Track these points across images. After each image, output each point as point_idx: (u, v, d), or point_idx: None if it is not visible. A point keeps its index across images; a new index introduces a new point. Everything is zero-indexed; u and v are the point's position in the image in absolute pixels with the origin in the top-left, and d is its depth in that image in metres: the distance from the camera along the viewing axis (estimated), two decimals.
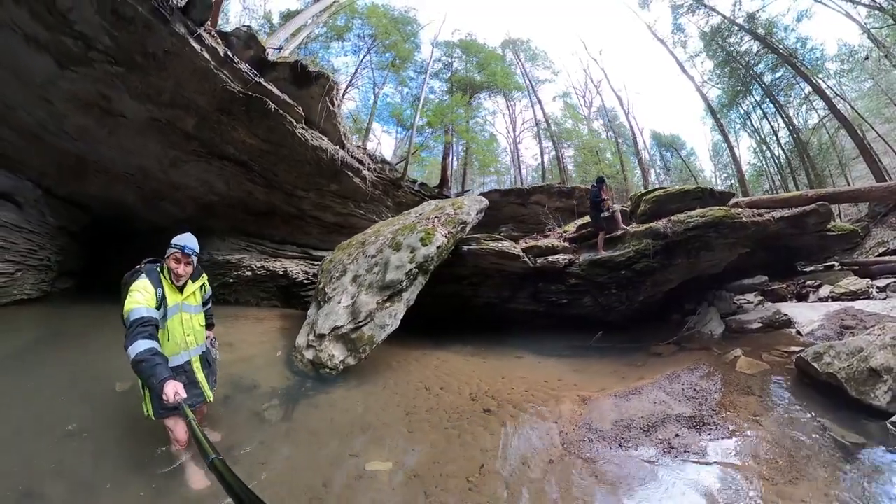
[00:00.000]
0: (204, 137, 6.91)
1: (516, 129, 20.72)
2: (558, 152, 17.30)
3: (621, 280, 6.88)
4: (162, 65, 5.59)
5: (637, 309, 7.38)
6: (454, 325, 7.67)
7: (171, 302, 2.53)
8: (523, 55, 18.82)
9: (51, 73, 5.27)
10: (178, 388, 2.07)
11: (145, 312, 2.26)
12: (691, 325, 6.61)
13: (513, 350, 6.43)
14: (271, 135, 7.19)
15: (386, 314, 5.05)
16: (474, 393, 4.30)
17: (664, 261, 6.47)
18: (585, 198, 15.70)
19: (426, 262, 5.60)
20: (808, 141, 16.58)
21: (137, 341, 2.13)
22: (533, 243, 7.72)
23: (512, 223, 15.22)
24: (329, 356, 4.53)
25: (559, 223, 10.24)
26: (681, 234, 6.17)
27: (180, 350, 2.60)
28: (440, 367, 5.22)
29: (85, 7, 4.66)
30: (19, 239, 5.70)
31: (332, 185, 9.62)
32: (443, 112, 12.89)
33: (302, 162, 8.19)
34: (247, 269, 8.53)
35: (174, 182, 7.82)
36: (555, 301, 7.46)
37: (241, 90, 6.38)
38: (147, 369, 2.08)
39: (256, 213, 9.23)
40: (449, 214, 6.83)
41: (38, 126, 5.86)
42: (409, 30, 15.37)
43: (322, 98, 7.89)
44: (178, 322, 2.58)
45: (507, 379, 4.81)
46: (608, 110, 21.60)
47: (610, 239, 7.33)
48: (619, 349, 6.28)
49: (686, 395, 3.91)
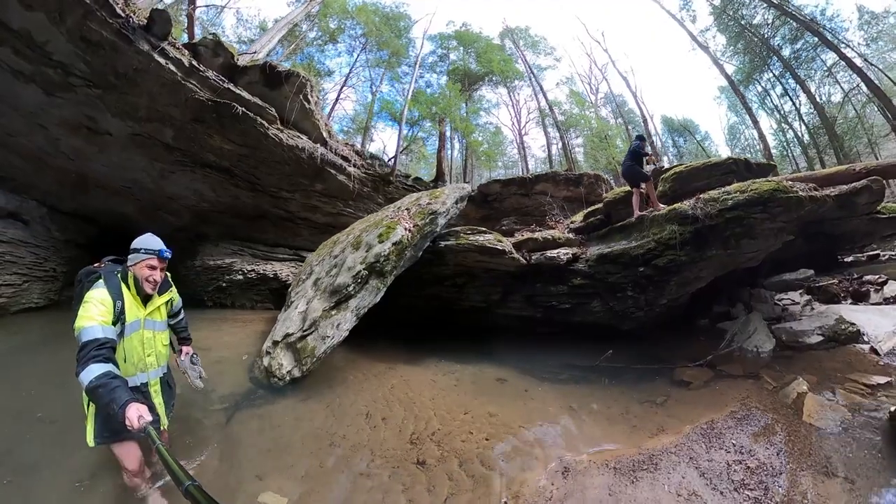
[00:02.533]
0: (183, 147, 7.71)
1: (521, 120, 20.67)
2: (564, 141, 17.07)
3: (639, 279, 5.84)
4: (133, 82, 6.37)
5: (658, 314, 6.28)
6: (441, 331, 7.10)
7: (131, 317, 2.31)
8: (522, 42, 18.80)
9: (40, 101, 6.19)
10: (141, 411, 1.89)
11: (101, 333, 2.05)
12: (730, 339, 5.49)
13: (497, 368, 5.50)
14: (245, 139, 7.87)
15: (329, 324, 4.65)
16: (419, 433, 3.62)
17: (694, 253, 5.36)
18: (595, 185, 15.43)
19: (377, 262, 5.11)
20: (834, 116, 15.37)
21: (91, 365, 1.94)
22: (528, 236, 6.93)
23: (515, 216, 15.06)
24: (279, 365, 4.38)
25: (567, 214, 9.88)
26: (715, 217, 5.07)
27: (137, 371, 2.40)
28: (397, 389, 4.64)
29: (58, 38, 5.48)
30: (25, 253, 6.72)
31: (317, 185, 10.24)
32: (433, 101, 13.20)
33: (280, 163, 8.84)
34: (238, 273, 9.31)
35: (167, 193, 8.74)
36: (555, 306, 6.50)
37: (211, 98, 7.08)
38: (105, 395, 1.89)
39: (246, 217, 10.03)
40: (421, 205, 6.42)
41: (38, 149, 6.87)
42: (401, 25, 15.95)
43: (296, 96, 8.47)
44: (137, 341, 2.37)
45: (471, 415, 3.98)
46: (616, 96, 21.08)
47: (622, 227, 6.37)
48: (633, 372, 5.13)
49: (734, 479, 2.61)
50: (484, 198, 15.50)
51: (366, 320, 5.23)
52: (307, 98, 8.85)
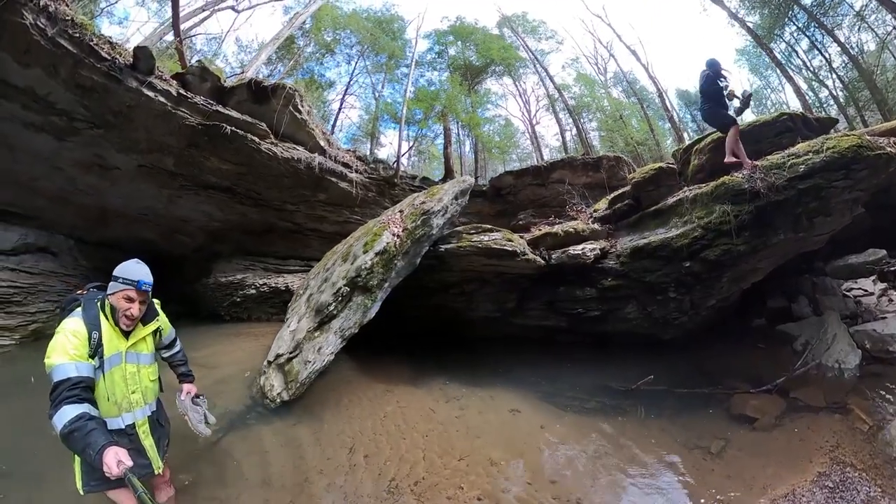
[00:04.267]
0: (185, 172, 8.37)
1: (531, 109, 20.37)
2: (578, 125, 16.58)
3: (683, 277, 4.99)
4: (129, 118, 7.02)
5: (705, 318, 5.50)
6: (453, 343, 6.57)
7: (110, 350, 2.11)
8: (521, 29, 18.51)
9: (53, 147, 6.98)
10: (120, 456, 1.75)
11: (73, 371, 1.90)
12: (805, 351, 4.44)
13: (512, 392, 4.78)
14: (239, 156, 8.40)
15: (311, 347, 4.34)
16: (399, 479, 3.17)
17: (755, 240, 4.42)
18: (616, 168, 14.81)
19: (359, 276, 4.63)
20: (874, 66, 13.63)
21: (63, 407, 1.80)
22: (546, 230, 6.07)
23: (532, 208, 14.67)
24: (270, 386, 4.22)
25: (588, 202, 9.05)
26: (784, 190, 4.10)
27: (121, 412, 2.17)
28: (390, 419, 4.16)
29: (57, 89, 6.16)
30: (56, 282, 7.61)
31: (319, 195, 10.69)
32: (433, 97, 13.32)
33: (278, 176, 9.34)
34: (250, 288, 9.93)
35: (179, 216, 9.51)
36: (582, 314, 5.72)
37: (201, 122, 7.63)
38: (79, 440, 1.76)
39: (256, 232, 10.67)
40: (415, 206, 5.88)
41: (59, 189, 7.75)
42: (395, 27, 16.28)
43: (284, 108, 8.91)
44: (119, 376, 2.15)
45: (466, 462, 3.35)
46: (626, 74, 20.16)
47: (656, 212, 5.49)
48: (677, 398, 4.26)
49: None
50: (497, 192, 15.35)
51: (372, 330, 4.94)
52: (297, 108, 9.28)
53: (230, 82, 8.43)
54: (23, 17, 5.18)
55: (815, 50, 15.96)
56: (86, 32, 5.87)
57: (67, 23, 5.64)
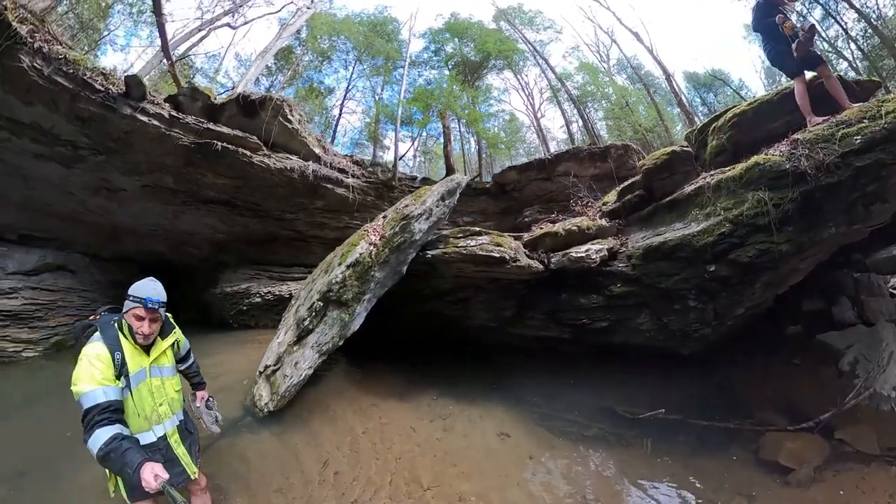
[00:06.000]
0: (185, 189, 8.91)
1: (535, 102, 20.12)
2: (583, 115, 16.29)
3: (706, 283, 4.28)
4: (127, 143, 7.55)
5: (731, 328, 4.77)
6: (451, 352, 6.42)
7: (134, 368, 2.23)
8: (518, 21, 18.28)
9: (62, 174, 7.61)
10: (156, 470, 1.88)
11: (102, 397, 1.99)
12: (858, 377, 3.62)
13: (505, 412, 4.52)
14: (232, 170, 8.85)
15: (290, 361, 4.32)
16: (361, 502, 3.17)
17: (801, 235, 3.66)
18: (625, 157, 14.37)
19: (331, 290, 4.51)
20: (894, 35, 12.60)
21: (96, 431, 1.91)
22: (546, 230, 5.59)
23: (538, 204, 14.31)
24: (259, 395, 4.28)
25: (597, 195, 8.61)
26: (836, 169, 3.37)
27: (152, 425, 2.29)
28: (368, 436, 4.06)
29: (59, 121, 6.72)
30: (75, 298, 8.34)
31: (317, 202, 11.08)
32: (428, 95, 13.43)
33: (273, 186, 9.77)
34: (256, 297, 10.45)
35: (184, 230, 10.12)
36: (586, 325, 5.19)
37: (194, 140, 8.10)
38: (116, 460, 1.88)
39: (259, 242, 11.19)
40: (397, 210, 5.64)
41: (72, 211, 8.43)
42: (390, 29, 16.47)
43: (273, 120, 9.28)
44: (146, 391, 2.28)
45: (434, 492, 3.19)
46: (630, 59, 19.55)
47: (671, 203, 4.84)
48: (695, 432, 3.69)
49: None
50: (501, 188, 15.26)
51: (370, 334, 4.85)
52: (287, 118, 9.63)
53: (220, 99, 8.86)
54: (20, 61, 5.71)
55: (829, 18, 15.00)
56: (79, 67, 6.36)
57: (61, 61, 6.14)
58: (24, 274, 7.89)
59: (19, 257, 7.98)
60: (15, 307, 7.55)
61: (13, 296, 7.61)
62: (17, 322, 7.56)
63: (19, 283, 7.78)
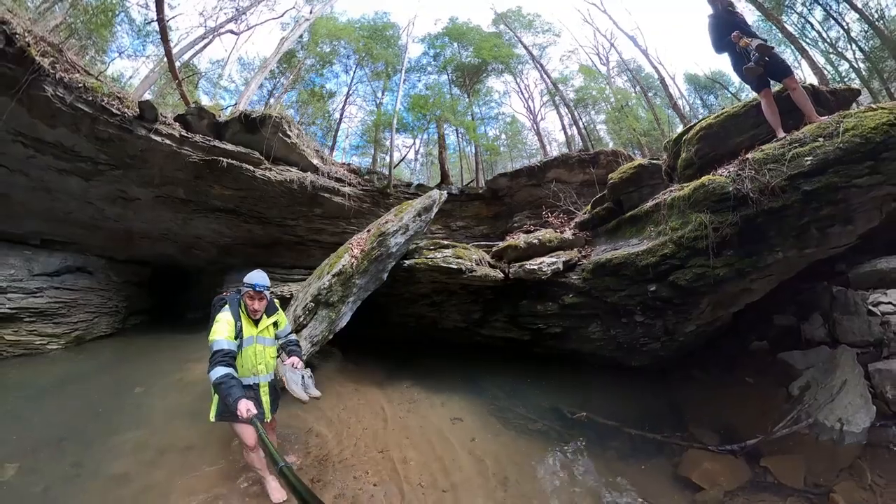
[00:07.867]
0: (194, 199, 9.63)
1: (535, 105, 20.41)
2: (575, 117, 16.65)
3: (649, 301, 4.39)
4: (143, 159, 8.27)
5: (684, 344, 4.89)
6: (435, 349, 7.07)
7: (246, 334, 3.10)
8: (517, 24, 18.48)
9: (83, 186, 8.35)
10: (249, 406, 2.60)
11: (226, 345, 2.86)
12: (801, 403, 3.40)
13: (465, 402, 5.02)
14: (238, 183, 9.54)
15: None
16: (331, 456, 3.89)
17: (741, 260, 3.54)
18: (614, 164, 14.65)
19: (320, 294, 5.33)
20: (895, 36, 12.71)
21: (216, 367, 2.74)
22: (510, 242, 6.22)
23: (529, 209, 14.67)
24: None
25: (585, 202, 8.90)
26: (782, 192, 3.17)
27: (251, 375, 3.16)
28: (347, 410, 4.86)
29: (80, 141, 7.43)
30: (93, 296, 9.15)
31: (316, 210, 11.77)
32: (421, 104, 13.87)
33: (275, 197, 10.46)
34: None
35: (194, 234, 10.87)
36: (542, 329, 5.70)
37: (202, 157, 8.79)
38: (224, 389, 2.65)
39: (263, 245, 11.93)
40: (378, 225, 6.37)
41: (91, 219, 9.19)
42: (389, 34, 16.86)
43: (273, 136, 9.92)
44: (251, 352, 3.14)
45: (384, 455, 3.92)
46: (629, 62, 19.64)
47: (633, 218, 4.92)
48: (629, 440, 3.86)
49: None
50: (494, 194, 15.79)
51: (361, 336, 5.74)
52: (286, 134, 10.26)
53: (224, 116, 9.51)
54: (44, 91, 6.38)
55: (830, 19, 15.03)
56: (97, 94, 7.02)
57: (80, 89, 6.80)
58: (48, 275, 8.69)
59: (43, 260, 8.78)
60: (41, 305, 8.39)
61: (39, 295, 8.44)
62: (42, 318, 8.42)
63: (44, 284, 8.60)
